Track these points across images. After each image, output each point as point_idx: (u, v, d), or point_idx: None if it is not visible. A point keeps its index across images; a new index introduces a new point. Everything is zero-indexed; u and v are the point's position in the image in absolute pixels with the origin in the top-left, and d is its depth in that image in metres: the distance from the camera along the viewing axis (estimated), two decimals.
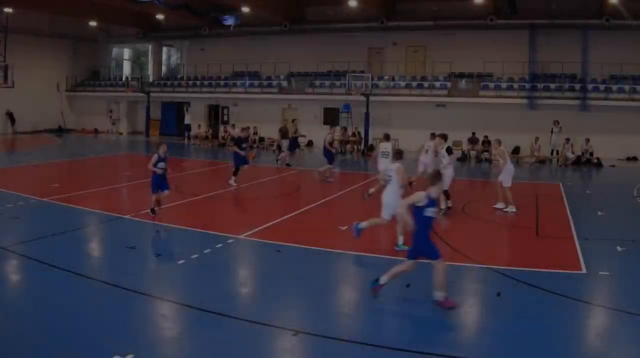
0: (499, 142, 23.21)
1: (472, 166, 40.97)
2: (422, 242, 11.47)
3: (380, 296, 11.68)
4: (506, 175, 21.83)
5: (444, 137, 21.92)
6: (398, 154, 16.59)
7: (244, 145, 26.69)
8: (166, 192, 19.30)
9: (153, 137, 57.79)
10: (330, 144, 29.84)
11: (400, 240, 15.54)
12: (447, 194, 20.44)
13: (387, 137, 25.33)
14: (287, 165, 33.20)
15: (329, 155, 29.53)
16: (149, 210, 18.94)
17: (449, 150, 20.53)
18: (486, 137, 43.71)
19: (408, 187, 20.13)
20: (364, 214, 17.11)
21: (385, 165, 22.01)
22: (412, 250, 11.72)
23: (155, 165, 18.81)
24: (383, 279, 11.71)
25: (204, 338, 9.81)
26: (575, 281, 13.32)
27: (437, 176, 11.71)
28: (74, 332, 10.01)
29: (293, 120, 35.05)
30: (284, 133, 36.37)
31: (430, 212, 11.35)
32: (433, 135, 25.59)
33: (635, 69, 44.69)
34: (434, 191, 11.43)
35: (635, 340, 10.11)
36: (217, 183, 27.39)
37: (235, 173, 25.88)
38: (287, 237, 16.83)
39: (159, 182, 18.96)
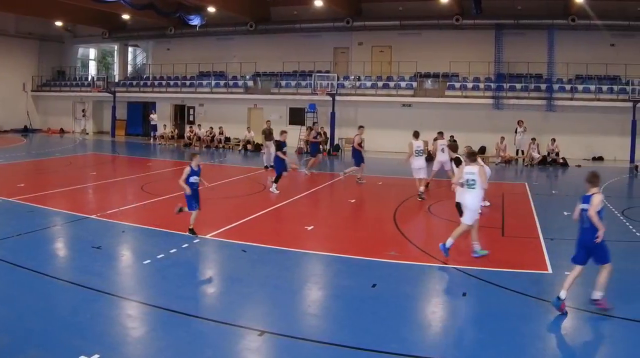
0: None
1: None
2: (602, 245, 11.04)
3: (344, 296, 11.76)
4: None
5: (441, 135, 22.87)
6: (474, 156, 15.27)
7: (285, 149, 24.57)
8: (194, 211, 16.39)
9: (119, 137, 56.20)
10: (360, 144, 28.40)
11: (478, 246, 14.95)
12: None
13: (416, 135, 24.71)
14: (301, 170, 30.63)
15: (358, 156, 28.05)
16: (188, 231, 16.29)
17: (459, 162, 18.39)
18: (452, 137, 40.30)
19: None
20: (330, 214, 18.60)
21: (420, 163, 23.36)
22: (586, 255, 11.20)
23: (187, 180, 16.14)
24: (563, 294, 10.99)
25: (170, 338, 9.58)
26: (541, 281, 13.15)
27: (597, 176, 11.54)
28: (40, 333, 9.73)
29: (314, 124, 32.11)
30: (267, 135, 33.87)
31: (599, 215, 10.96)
32: (441, 134, 26.54)
33: (600, 69, 43.76)
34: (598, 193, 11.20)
35: (600, 340, 10.04)
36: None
37: (277, 180, 24.11)
38: (253, 237, 16.42)
39: (191, 199, 16.34)
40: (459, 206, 15.83)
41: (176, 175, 28.07)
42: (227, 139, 49.32)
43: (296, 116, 50.09)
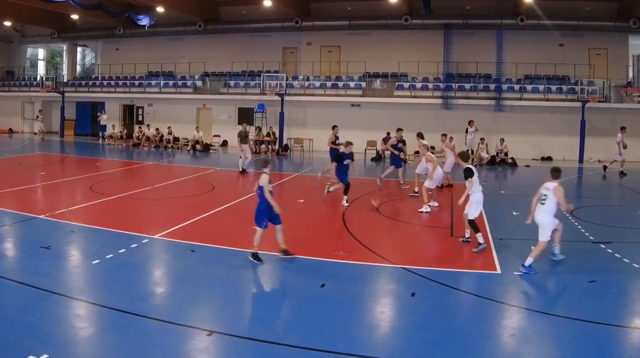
0: (427, 148, 22.12)
1: (386, 166, 36.00)
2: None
3: (293, 297, 11.53)
4: (435, 180, 20.80)
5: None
6: (557, 173, 13.78)
7: (345, 162, 21.23)
8: (279, 226, 13.73)
9: (68, 137, 52.65)
10: (396, 147, 26.04)
11: (557, 249, 14.03)
12: None
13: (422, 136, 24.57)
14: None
15: (396, 160, 25.86)
16: (250, 256, 13.55)
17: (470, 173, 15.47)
18: (401, 136, 39.07)
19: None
20: (283, 213, 15.60)
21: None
22: None
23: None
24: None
25: (119, 338, 9.11)
26: (490, 281, 12.69)
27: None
28: None
29: (334, 127, 28.63)
30: (243, 137, 30.68)
31: None
32: (445, 136, 25.80)
33: (549, 69, 42.13)
34: None
35: (549, 339, 9.49)
36: (132, 183, 26.08)
37: (346, 191, 21.19)
38: (202, 237, 15.68)
39: (272, 212, 13.52)
40: (473, 223, 14.87)
41: (125, 175, 30.49)
42: (176, 139, 46.41)
43: (245, 116, 46.29)
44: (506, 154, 38.51)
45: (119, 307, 10.25)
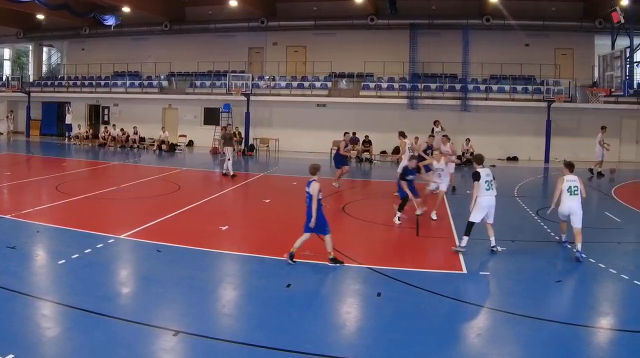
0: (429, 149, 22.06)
1: (352, 166, 34.93)
2: None
3: (259, 297, 11.01)
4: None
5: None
6: (571, 166, 14.46)
7: (410, 177, 18.07)
8: (326, 236, 13.10)
9: (33, 137, 50.28)
10: (426, 152, 23.34)
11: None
12: None
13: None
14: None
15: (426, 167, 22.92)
16: (287, 257, 13.09)
17: (477, 177, 14.50)
18: (367, 137, 38.76)
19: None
20: (245, 214, 17.98)
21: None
22: None
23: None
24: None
25: (85, 338, 8.69)
26: (456, 281, 12.42)
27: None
28: None
29: (345, 134, 26.00)
30: (226, 140, 28.45)
31: None
32: (447, 138, 24.29)
33: (515, 69, 40.40)
34: None
35: (514, 339, 9.19)
36: (98, 183, 25.09)
37: (401, 207, 18.23)
38: (168, 237, 15.14)
39: (324, 220, 13.01)
40: (468, 225, 14.29)
41: (91, 175, 29.31)
42: (142, 139, 44.22)
43: (211, 116, 45.11)
44: (472, 154, 35.77)
45: (85, 307, 9.88)
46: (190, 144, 45.00)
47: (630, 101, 36.78)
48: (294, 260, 12.88)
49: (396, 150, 37.79)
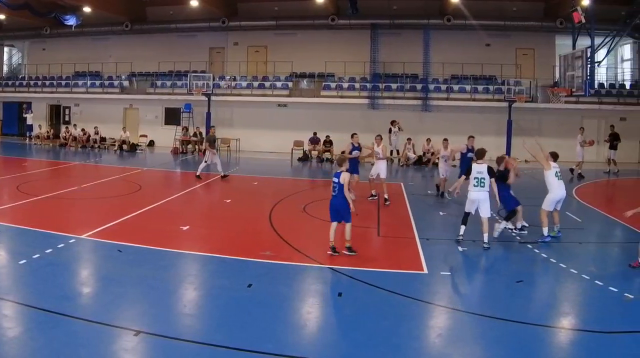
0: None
1: (313, 166, 34.40)
2: None
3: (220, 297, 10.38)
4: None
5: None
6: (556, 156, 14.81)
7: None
8: (348, 224, 13.22)
9: None
10: (467, 156, 20.72)
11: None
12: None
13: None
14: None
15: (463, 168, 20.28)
16: (330, 252, 13.19)
17: (492, 173, 14.44)
18: (328, 137, 36.29)
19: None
20: (206, 214, 17.56)
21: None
22: None
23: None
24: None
25: (45, 338, 8.30)
26: (417, 281, 11.58)
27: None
28: None
29: (353, 136, 21.57)
30: (212, 142, 26.48)
31: None
32: (446, 141, 22.99)
33: (476, 69, 38.24)
34: None
35: (476, 339, 8.82)
36: (59, 183, 23.98)
37: (509, 217, 15.84)
38: (129, 237, 14.37)
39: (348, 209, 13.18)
40: (465, 215, 14.39)
41: (52, 175, 27.94)
42: (103, 139, 41.62)
43: (172, 116, 42.26)
44: (433, 154, 33.84)
45: (45, 307, 9.45)
46: (151, 144, 42.39)
47: (591, 101, 35.21)
48: (337, 251, 12.99)
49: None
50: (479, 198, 13.96)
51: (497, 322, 9.36)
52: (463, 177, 14.93)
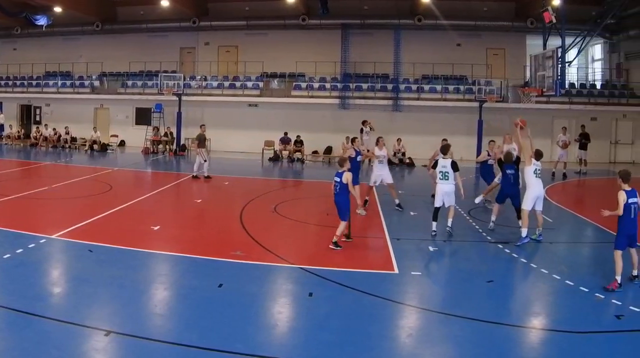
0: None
1: (284, 166, 32.98)
2: None
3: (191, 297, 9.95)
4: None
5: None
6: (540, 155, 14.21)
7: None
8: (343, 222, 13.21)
9: None
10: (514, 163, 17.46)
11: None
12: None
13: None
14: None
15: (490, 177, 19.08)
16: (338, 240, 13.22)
17: (455, 167, 14.68)
18: (299, 136, 34.54)
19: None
20: (177, 214, 17.35)
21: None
22: None
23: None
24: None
25: (16, 339, 8.01)
26: (388, 281, 11.08)
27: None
28: None
29: (354, 140, 18.95)
30: (202, 141, 25.15)
31: None
32: (494, 142, 20.24)
33: (447, 69, 36.56)
34: None
35: (446, 339, 8.46)
36: (30, 183, 22.94)
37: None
38: (100, 237, 13.54)
39: (348, 207, 13.37)
40: (435, 211, 14.50)
41: (23, 175, 26.80)
42: (74, 139, 39.46)
43: (142, 116, 40.06)
44: (404, 154, 33.26)
45: (16, 306, 8.99)
46: (122, 144, 40.22)
47: (561, 101, 33.75)
48: (343, 241, 13.15)
49: (327, 150, 35.27)
50: (445, 190, 14.13)
51: (468, 322, 8.99)
52: (495, 181, 15.73)
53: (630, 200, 10.20)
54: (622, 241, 10.30)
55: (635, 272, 10.49)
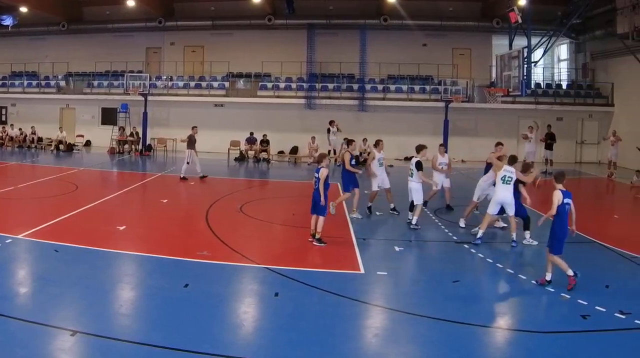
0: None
1: (250, 166, 31.15)
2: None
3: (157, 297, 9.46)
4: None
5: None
6: (515, 159, 13.54)
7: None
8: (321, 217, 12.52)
9: None
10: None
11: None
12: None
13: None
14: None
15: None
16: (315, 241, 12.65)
17: (419, 166, 14.47)
18: (265, 136, 32.38)
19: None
20: (142, 214, 16.94)
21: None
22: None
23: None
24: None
25: None
26: (354, 281, 10.54)
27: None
28: None
29: (351, 142, 16.63)
30: (191, 142, 23.98)
31: None
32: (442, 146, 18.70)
33: (412, 69, 34.63)
34: None
35: (412, 339, 8.09)
36: None
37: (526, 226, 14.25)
38: (66, 237, 12.92)
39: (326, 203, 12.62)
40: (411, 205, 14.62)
41: None
42: (40, 139, 37.14)
43: (108, 116, 37.63)
44: (369, 154, 31.05)
45: None
46: (88, 144, 37.77)
47: (527, 101, 31.97)
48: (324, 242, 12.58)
49: (293, 150, 33.44)
50: (409, 186, 14.35)
51: (434, 322, 8.63)
52: (474, 201, 15.10)
53: (565, 201, 9.64)
54: (559, 245, 9.74)
55: (571, 272, 9.94)
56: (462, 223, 14.93)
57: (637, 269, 11.61)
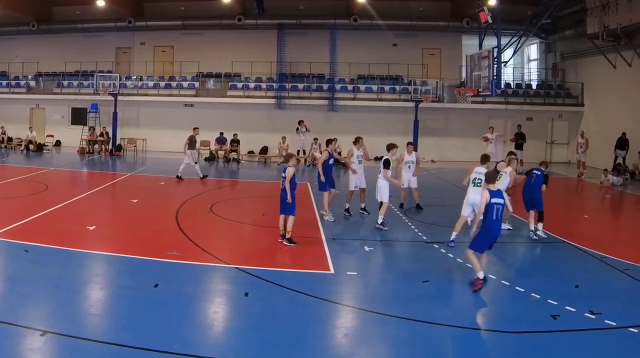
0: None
1: (220, 166, 29.76)
2: None
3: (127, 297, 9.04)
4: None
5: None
6: (486, 159, 13.16)
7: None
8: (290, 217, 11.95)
9: None
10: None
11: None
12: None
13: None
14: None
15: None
16: (286, 242, 12.25)
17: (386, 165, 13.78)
18: (235, 136, 31.10)
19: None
20: (112, 214, 16.30)
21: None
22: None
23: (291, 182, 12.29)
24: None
25: None
26: (324, 281, 10.19)
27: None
28: None
29: (330, 142, 16.83)
30: (192, 143, 22.95)
31: None
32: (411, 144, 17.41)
33: (382, 69, 33.06)
34: None
35: (382, 339, 7.79)
36: None
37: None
38: (35, 237, 12.36)
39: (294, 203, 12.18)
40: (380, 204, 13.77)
41: None
42: (9, 139, 35.10)
43: (78, 116, 35.58)
44: (339, 154, 29.33)
45: None
46: (58, 144, 35.75)
47: (497, 101, 30.44)
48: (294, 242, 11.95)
49: (263, 150, 31.75)
50: (377, 184, 13.73)
51: (404, 322, 8.20)
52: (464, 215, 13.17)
53: (494, 200, 9.19)
54: (483, 244, 9.27)
55: (481, 275, 9.32)
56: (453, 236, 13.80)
57: (607, 269, 11.10)
